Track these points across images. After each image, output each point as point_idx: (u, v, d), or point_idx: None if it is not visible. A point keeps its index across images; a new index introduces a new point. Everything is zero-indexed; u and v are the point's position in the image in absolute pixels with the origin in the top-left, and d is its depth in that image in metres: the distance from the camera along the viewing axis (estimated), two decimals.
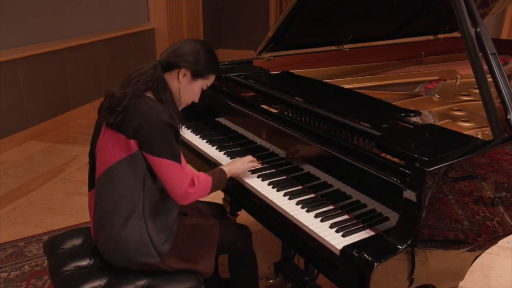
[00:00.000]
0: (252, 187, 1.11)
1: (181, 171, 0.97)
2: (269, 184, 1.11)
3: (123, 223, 0.98)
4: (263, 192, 1.07)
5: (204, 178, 1.03)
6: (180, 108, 1.07)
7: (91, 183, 1.06)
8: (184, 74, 1.02)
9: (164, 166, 0.96)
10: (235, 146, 1.35)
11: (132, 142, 0.95)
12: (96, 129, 1.04)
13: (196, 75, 1.04)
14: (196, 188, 0.99)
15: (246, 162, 1.14)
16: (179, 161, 0.97)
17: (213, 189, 1.05)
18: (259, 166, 1.18)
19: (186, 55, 1.02)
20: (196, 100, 1.09)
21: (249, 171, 1.18)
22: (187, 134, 1.46)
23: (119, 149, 0.97)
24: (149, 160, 0.97)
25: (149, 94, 0.99)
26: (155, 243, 1.00)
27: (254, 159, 1.18)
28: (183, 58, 1.01)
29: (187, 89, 1.04)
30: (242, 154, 1.29)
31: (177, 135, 0.98)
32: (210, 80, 1.07)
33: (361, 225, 0.92)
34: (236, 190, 1.21)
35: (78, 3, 3.16)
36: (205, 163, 1.32)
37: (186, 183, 0.97)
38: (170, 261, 1.01)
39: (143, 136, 0.95)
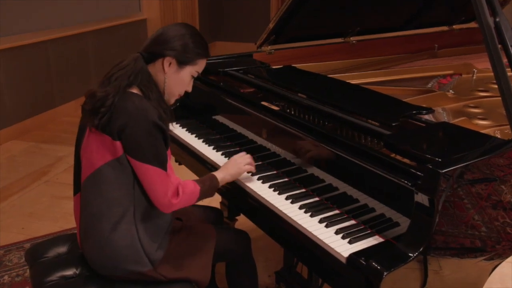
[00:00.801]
0: (252, 190, 1.11)
1: (165, 179, 0.96)
2: (270, 187, 1.11)
3: (112, 228, 0.98)
4: (263, 196, 1.08)
5: (191, 188, 1.01)
6: (172, 101, 1.05)
7: (77, 187, 1.06)
8: (170, 63, 0.99)
9: (147, 172, 0.94)
10: (234, 146, 1.35)
11: (118, 144, 0.94)
12: (80, 130, 1.04)
13: (183, 62, 1.00)
14: (180, 199, 0.98)
15: (242, 165, 1.12)
16: (164, 168, 0.96)
17: (200, 198, 1.04)
18: (254, 170, 1.16)
19: (169, 41, 0.98)
20: (189, 90, 1.06)
21: (248, 172, 1.18)
22: (182, 133, 1.47)
23: (105, 151, 0.96)
24: (132, 164, 0.96)
25: (134, 90, 0.97)
26: (147, 250, 0.99)
27: (251, 161, 1.13)
28: (166, 46, 0.98)
29: (175, 79, 1.01)
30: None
31: (166, 138, 0.96)
32: (200, 65, 1.04)
33: (369, 231, 0.92)
34: (234, 193, 1.21)
35: None
36: (202, 164, 1.33)
37: (170, 192, 0.96)
38: (163, 269, 1.01)
39: (127, 137, 0.93)
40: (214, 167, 1.25)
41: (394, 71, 1.65)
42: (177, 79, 1.02)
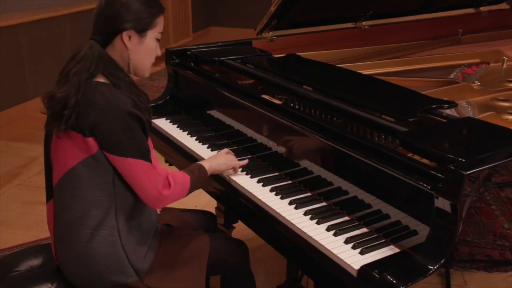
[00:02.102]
0: (251, 193, 1.12)
1: (152, 171, 0.97)
2: (271, 191, 1.11)
3: (91, 234, 0.97)
4: (264, 200, 1.08)
5: (181, 178, 1.02)
6: (146, 74, 1.05)
7: (49, 193, 1.06)
8: (129, 37, 0.98)
9: (131, 167, 0.95)
10: (231, 145, 1.35)
11: (90, 141, 0.94)
12: (46, 136, 1.03)
13: (142, 30, 0.99)
14: (173, 189, 0.99)
15: (231, 159, 1.15)
16: (148, 159, 0.97)
17: (191, 189, 1.05)
18: (245, 163, 1.18)
19: (118, 15, 0.97)
20: (159, 54, 1.05)
21: (247, 174, 1.18)
22: (172, 130, 1.47)
23: (77, 149, 0.96)
24: (112, 161, 0.96)
25: (101, 79, 0.97)
26: (132, 259, 0.99)
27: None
28: (117, 20, 0.97)
29: (141, 50, 1.00)
30: (239, 154, 1.29)
31: (144, 127, 0.97)
32: (160, 24, 1.03)
33: (383, 240, 0.92)
34: (231, 197, 1.21)
35: None
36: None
37: (159, 184, 0.97)
38: (150, 280, 1.01)
39: (101, 133, 0.94)
40: None
41: (411, 60, 1.65)
42: (143, 50, 1.01)
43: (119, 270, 0.98)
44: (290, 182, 1.15)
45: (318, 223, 0.98)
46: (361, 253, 0.89)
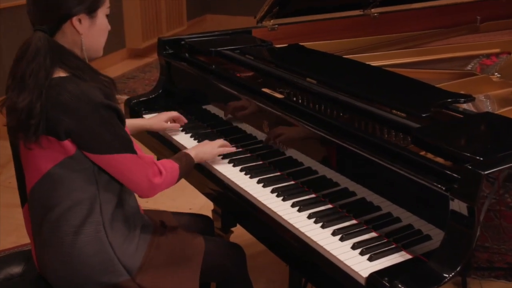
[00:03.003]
0: (250, 195, 1.11)
1: (139, 162, 0.98)
2: (272, 192, 1.11)
3: (74, 232, 0.97)
4: (264, 202, 1.07)
5: (170, 165, 1.05)
6: (101, 53, 1.03)
7: (23, 197, 1.05)
8: (80, 20, 0.96)
9: (118, 163, 0.96)
10: (229, 142, 1.35)
11: (67, 143, 0.94)
12: (13, 147, 1.02)
13: (93, 10, 0.97)
14: (164, 177, 1.02)
15: (216, 146, 1.19)
16: (134, 151, 0.98)
17: (180, 177, 1.08)
18: (233, 150, 1.22)
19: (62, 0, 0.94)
20: (109, 28, 1.03)
21: (246, 174, 1.18)
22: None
23: (52, 153, 0.95)
24: (95, 161, 0.96)
25: (61, 73, 0.95)
26: (121, 255, 0.99)
27: (226, 142, 1.22)
28: (63, 6, 0.94)
29: (94, 32, 0.99)
30: (239, 152, 1.28)
31: (120, 116, 0.97)
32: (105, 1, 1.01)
33: (393, 246, 0.92)
34: (228, 198, 1.20)
35: None
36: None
37: (149, 173, 1.00)
38: (143, 280, 1.01)
39: (80, 135, 0.94)
40: (208, 168, 1.24)
41: (425, 50, 1.64)
42: (97, 31, 1.00)
43: (108, 270, 0.98)
44: (292, 182, 1.15)
45: (323, 227, 0.98)
46: (370, 259, 0.89)
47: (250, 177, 1.17)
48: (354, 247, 0.92)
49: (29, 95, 0.91)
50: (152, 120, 1.36)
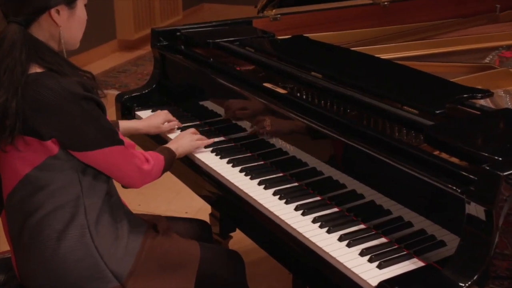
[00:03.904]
0: (250, 197, 1.11)
1: (127, 153, 1.03)
2: (275, 194, 1.11)
3: (58, 237, 0.97)
4: (266, 205, 1.07)
5: (155, 155, 1.11)
6: (77, 45, 1.03)
7: (1, 203, 1.05)
8: (58, 12, 0.96)
9: (107, 157, 0.99)
10: (228, 141, 1.35)
11: (50, 143, 0.95)
12: None
13: (72, 1, 0.97)
14: (152, 164, 1.07)
15: (195, 139, 1.26)
16: (120, 142, 1.01)
17: (164, 170, 1.13)
18: (211, 141, 1.29)
19: None
20: (86, 17, 1.03)
21: (247, 175, 1.18)
22: None
23: (32, 154, 0.96)
24: (82, 158, 0.98)
25: (37, 69, 0.94)
26: (108, 260, 0.99)
27: (203, 136, 1.30)
28: None
29: (73, 24, 0.99)
30: (238, 151, 1.29)
31: (101, 107, 0.98)
32: None
33: (404, 252, 0.92)
34: (227, 201, 1.21)
35: None
36: (188, 167, 1.31)
37: (138, 162, 1.04)
38: (134, 286, 1.01)
39: (65, 135, 0.95)
40: (210, 172, 1.24)
41: (439, 41, 1.64)
42: (76, 22, 1.00)
43: (95, 276, 0.98)
44: (296, 184, 1.15)
45: (329, 232, 0.98)
46: (379, 267, 0.89)
47: (251, 178, 1.17)
48: (362, 253, 0.92)
49: (4, 93, 0.91)
50: (147, 123, 1.36)
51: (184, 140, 1.24)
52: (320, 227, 1.00)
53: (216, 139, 1.35)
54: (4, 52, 0.92)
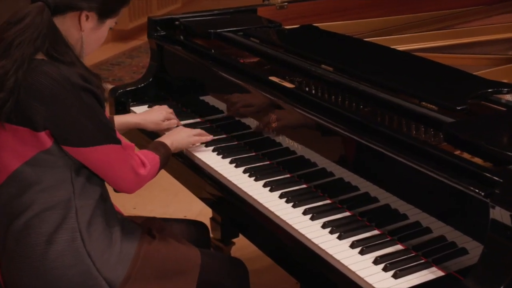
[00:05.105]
0: (255, 200, 1.11)
1: (123, 153, 1.03)
2: (281, 197, 1.11)
3: (46, 241, 0.97)
4: (272, 209, 1.07)
5: (151, 156, 1.11)
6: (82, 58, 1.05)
7: None
8: (87, 18, 1.01)
9: (103, 155, 0.99)
10: (230, 139, 1.35)
11: (43, 135, 0.95)
12: None
13: (105, 15, 1.03)
14: (149, 169, 1.08)
15: (192, 134, 1.26)
16: (118, 141, 1.02)
17: (160, 169, 1.14)
18: (210, 138, 1.28)
19: None
20: (105, 38, 1.09)
21: (251, 176, 1.18)
22: None
23: (23, 147, 0.96)
24: (76, 156, 0.98)
25: (39, 56, 0.96)
26: (101, 266, 0.99)
27: (203, 131, 1.30)
28: None
29: (93, 36, 1.04)
30: (242, 150, 1.29)
31: (100, 101, 1.00)
32: (121, 14, 1.08)
33: (422, 261, 0.92)
34: (230, 204, 1.21)
35: None
36: (187, 167, 1.32)
37: (134, 164, 1.05)
38: None
39: (60, 127, 0.95)
40: (209, 171, 1.25)
41: (461, 31, 1.63)
42: (96, 36, 1.04)
43: (87, 283, 0.99)
44: (304, 186, 1.15)
45: (340, 238, 0.98)
46: (395, 276, 0.89)
47: (255, 180, 1.17)
48: (376, 261, 0.92)
49: (8, 64, 0.93)
50: (147, 118, 1.36)
51: (180, 135, 1.25)
52: (331, 232, 1.00)
53: (217, 137, 1.35)
54: (21, 27, 0.94)
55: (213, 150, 1.30)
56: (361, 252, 0.94)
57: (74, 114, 0.95)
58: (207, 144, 1.32)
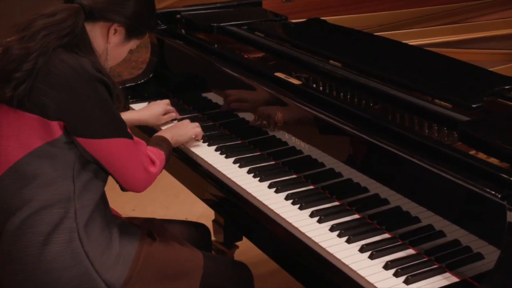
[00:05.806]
0: (260, 202, 1.11)
1: (135, 148, 1.05)
2: (287, 198, 1.11)
3: (43, 241, 0.98)
4: (277, 211, 1.07)
5: (158, 154, 1.13)
6: None
7: None
8: (115, 31, 1.06)
9: (114, 148, 1.00)
10: (234, 138, 1.35)
11: (54, 125, 0.97)
12: None
13: (133, 34, 1.09)
14: (158, 166, 1.10)
15: (192, 127, 1.29)
16: (130, 135, 1.04)
17: (165, 165, 1.15)
18: (201, 135, 1.31)
19: (123, 3, 1.04)
20: (123, 57, 1.14)
21: (256, 177, 1.18)
22: None
23: (28, 136, 0.97)
24: (88, 148, 0.99)
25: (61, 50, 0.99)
26: (100, 268, 1.00)
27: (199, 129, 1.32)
28: (118, 8, 1.04)
29: (116, 51, 1.09)
30: (246, 150, 1.29)
31: (111, 92, 1.02)
32: (144, 38, 1.15)
33: (435, 266, 0.92)
34: (234, 207, 1.21)
35: None
36: (187, 165, 1.33)
37: (145, 161, 1.07)
38: None
39: (77, 116, 0.97)
40: (209, 169, 1.25)
41: (475, 25, 1.64)
42: (117, 52, 1.10)
43: (85, 286, 0.99)
44: (311, 187, 1.15)
45: (349, 241, 0.98)
46: (406, 282, 0.88)
47: (260, 180, 1.17)
48: (386, 266, 0.92)
49: (30, 47, 0.95)
50: (149, 113, 1.38)
51: (179, 128, 1.27)
52: (339, 236, 0.99)
53: (220, 136, 1.35)
54: (53, 21, 0.98)
55: (216, 149, 1.30)
56: (371, 257, 0.94)
57: (89, 104, 0.97)
58: (210, 142, 1.33)
